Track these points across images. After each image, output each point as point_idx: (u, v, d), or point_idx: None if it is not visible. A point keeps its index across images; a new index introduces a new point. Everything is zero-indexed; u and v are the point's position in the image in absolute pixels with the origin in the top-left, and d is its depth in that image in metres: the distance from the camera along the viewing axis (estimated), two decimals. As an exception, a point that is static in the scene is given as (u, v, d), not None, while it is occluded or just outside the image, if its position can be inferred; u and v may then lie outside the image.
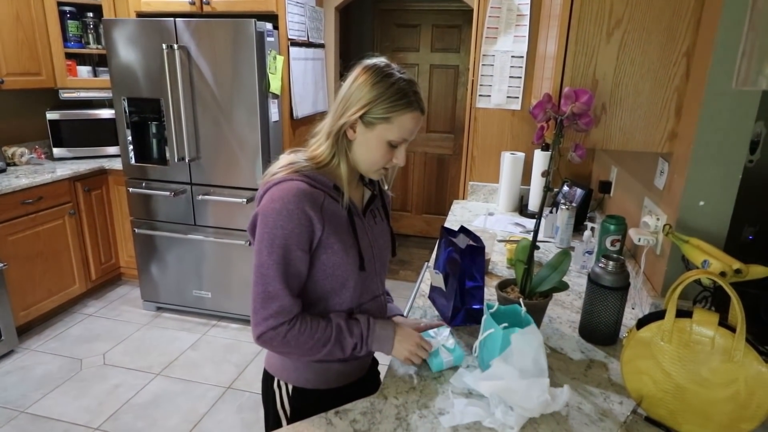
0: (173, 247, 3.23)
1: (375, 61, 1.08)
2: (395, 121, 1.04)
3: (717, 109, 1.18)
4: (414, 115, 1.06)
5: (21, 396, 2.55)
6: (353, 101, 1.04)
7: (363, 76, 1.05)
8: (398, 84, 1.04)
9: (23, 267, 2.96)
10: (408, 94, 1.04)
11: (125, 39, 2.90)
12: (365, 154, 1.09)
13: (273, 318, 1.05)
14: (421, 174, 4.73)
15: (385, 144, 1.07)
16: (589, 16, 1.29)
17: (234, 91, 2.84)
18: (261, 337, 1.06)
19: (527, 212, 2.43)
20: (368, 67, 1.06)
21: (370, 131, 1.06)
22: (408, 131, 1.07)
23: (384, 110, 1.03)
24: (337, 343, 1.09)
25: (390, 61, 1.09)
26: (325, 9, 3.70)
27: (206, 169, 3.03)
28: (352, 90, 1.05)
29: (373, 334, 1.12)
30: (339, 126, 1.06)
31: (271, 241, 1.03)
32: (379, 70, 1.05)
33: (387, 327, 1.15)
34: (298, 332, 1.06)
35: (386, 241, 1.25)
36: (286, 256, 1.03)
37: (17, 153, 3.33)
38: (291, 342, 1.06)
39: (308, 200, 1.03)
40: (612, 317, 1.28)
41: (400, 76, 1.05)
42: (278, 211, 1.02)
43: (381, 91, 1.03)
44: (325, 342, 1.08)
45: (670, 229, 1.24)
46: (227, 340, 3.10)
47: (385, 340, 1.13)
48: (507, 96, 2.53)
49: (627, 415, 1.04)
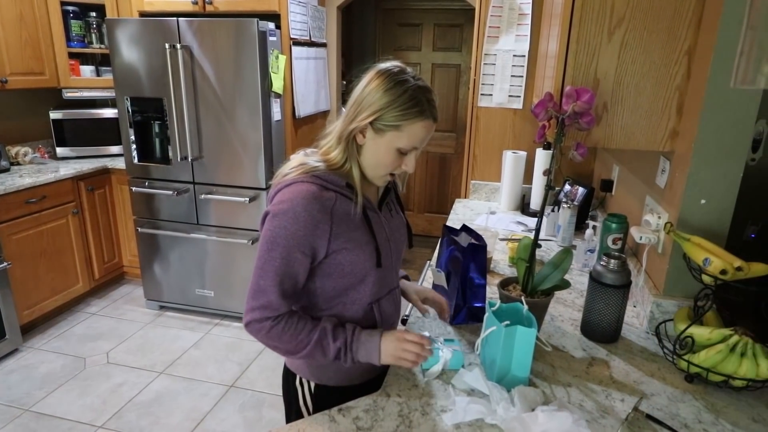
0: (176, 246, 3.25)
1: (389, 65, 1.05)
2: (405, 130, 1.03)
3: (718, 107, 1.18)
4: (425, 124, 1.04)
5: (25, 394, 2.56)
6: (365, 106, 1.03)
7: (376, 80, 1.03)
8: (411, 91, 1.01)
9: (27, 266, 2.97)
10: (420, 102, 1.02)
11: (128, 38, 2.91)
12: (373, 159, 1.08)
13: (258, 311, 1.06)
14: (422, 173, 4.74)
15: (394, 151, 1.05)
16: (590, 15, 1.29)
17: (236, 90, 2.85)
18: (247, 326, 1.09)
19: (529, 211, 2.44)
20: (382, 71, 1.04)
21: (380, 137, 1.04)
22: (418, 140, 1.05)
23: (395, 118, 1.01)
24: (318, 345, 1.08)
25: (404, 65, 1.07)
26: (327, 8, 3.71)
27: (209, 169, 3.04)
28: (364, 94, 1.03)
29: (357, 341, 1.09)
30: (349, 130, 1.05)
31: (273, 239, 1.04)
32: (393, 76, 1.02)
33: (373, 334, 1.11)
34: (281, 331, 1.07)
35: (402, 234, 1.25)
36: (285, 256, 1.04)
37: (21, 152, 3.35)
38: (274, 338, 1.08)
39: (317, 204, 1.03)
40: (613, 315, 1.29)
41: (414, 83, 1.02)
42: (285, 212, 1.03)
43: (393, 98, 1.01)
44: (307, 344, 1.08)
45: (672, 228, 1.24)
46: (230, 339, 3.11)
47: (371, 348, 1.10)
48: (509, 95, 2.53)
49: (629, 412, 1.04)
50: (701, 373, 1.12)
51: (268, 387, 2.66)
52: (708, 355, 1.11)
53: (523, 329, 1.07)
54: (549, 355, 1.25)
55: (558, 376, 1.17)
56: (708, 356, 1.10)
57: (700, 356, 1.12)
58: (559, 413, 0.97)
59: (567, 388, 1.13)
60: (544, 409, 0.99)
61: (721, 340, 1.11)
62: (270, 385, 2.67)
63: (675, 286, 1.34)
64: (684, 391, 1.12)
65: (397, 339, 1.10)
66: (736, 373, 1.08)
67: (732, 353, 1.09)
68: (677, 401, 1.09)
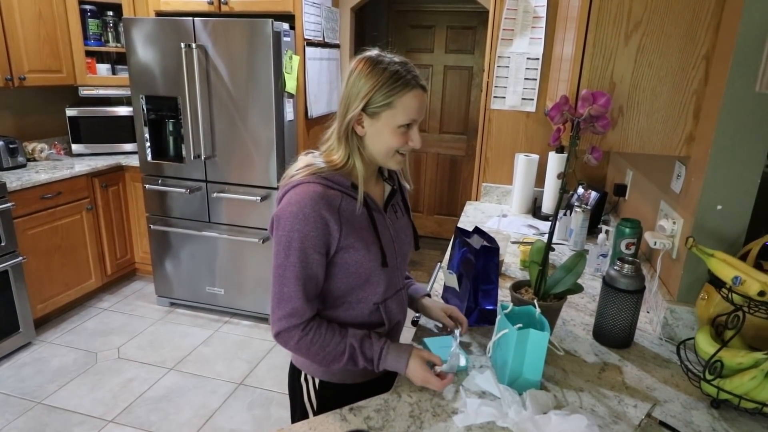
0: (187, 243, 3.27)
1: (366, 53, 1.08)
2: (398, 104, 1.04)
3: (736, 112, 1.17)
4: (415, 93, 1.05)
5: (37, 387, 2.60)
6: (353, 97, 1.05)
7: (356, 69, 1.05)
8: (391, 67, 1.04)
9: (41, 261, 3.01)
10: (402, 75, 1.04)
11: (144, 38, 2.95)
12: (378, 144, 1.09)
13: (285, 319, 1.07)
14: (433, 175, 4.73)
15: (396, 129, 1.06)
16: (607, 18, 1.29)
17: (250, 90, 2.87)
18: (277, 336, 1.09)
19: (540, 214, 2.43)
20: (360, 59, 1.07)
21: (377, 121, 1.06)
22: (414, 110, 1.06)
23: (384, 96, 1.03)
24: (351, 360, 1.10)
25: (380, 50, 1.09)
26: (340, 9, 3.72)
27: (221, 167, 3.07)
28: (349, 86, 1.06)
29: (386, 358, 1.10)
30: (345, 124, 1.07)
31: (288, 244, 1.04)
32: (371, 60, 1.05)
33: (401, 354, 1.11)
34: (310, 342, 1.08)
35: (408, 236, 1.26)
36: (303, 259, 1.05)
37: (37, 149, 3.39)
38: (302, 349, 1.09)
39: (324, 203, 1.04)
40: (626, 320, 1.28)
41: (391, 60, 1.05)
42: (295, 215, 1.03)
43: (376, 79, 1.03)
44: (337, 356, 1.09)
45: (694, 243, 1.19)
46: (239, 337, 3.13)
47: (399, 365, 1.11)
48: (522, 98, 2.53)
49: (641, 418, 1.04)
50: (732, 400, 1.05)
51: (277, 385, 2.67)
52: (742, 381, 1.03)
53: (536, 333, 1.07)
54: (561, 359, 1.25)
55: (570, 381, 1.16)
56: (742, 382, 1.03)
57: (732, 382, 1.04)
58: (572, 416, 0.97)
59: (579, 392, 1.12)
60: (557, 413, 0.99)
61: (754, 364, 1.04)
62: (278, 384, 2.68)
63: (689, 292, 1.33)
64: (698, 399, 1.11)
65: (424, 371, 1.08)
66: None
67: (767, 379, 1.01)
68: (691, 408, 1.08)
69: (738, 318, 1.06)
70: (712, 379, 1.07)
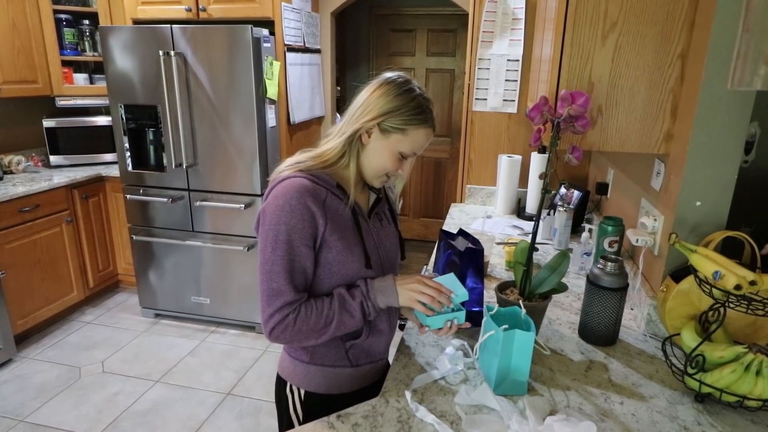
0: (171, 253, 3.23)
1: (395, 75, 1.12)
2: (410, 134, 1.09)
3: (712, 110, 1.19)
4: (427, 132, 1.11)
5: (19, 405, 2.54)
6: (373, 108, 1.08)
7: (385, 87, 1.09)
8: (418, 99, 1.08)
9: (21, 275, 2.94)
10: (425, 111, 1.09)
11: (121, 46, 2.91)
12: (375, 159, 1.11)
13: (278, 313, 1.06)
14: (418, 178, 4.74)
15: (396, 154, 1.11)
16: (584, 19, 1.30)
17: (231, 97, 2.85)
18: (272, 333, 1.07)
19: (525, 215, 2.44)
20: (390, 80, 1.10)
21: (385, 139, 1.09)
22: (419, 146, 1.11)
23: (402, 121, 1.07)
24: (343, 310, 1.09)
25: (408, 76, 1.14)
26: (320, 14, 3.72)
27: (204, 175, 3.03)
28: (371, 99, 1.09)
29: (373, 289, 1.11)
30: (355, 129, 1.09)
31: (275, 237, 1.04)
32: (402, 84, 1.09)
33: (385, 278, 1.13)
34: (305, 316, 1.07)
35: (393, 244, 1.26)
36: (291, 252, 1.04)
37: (14, 161, 3.33)
38: (302, 328, 1.07)
39: (310, 195, 1.05)
40: (611, 318, 1.29)
41: (420, 92, 1.10)
42: (281, 207, 1.03)
43: (402, 103, 1.07)
44: (333, 314, 1.08)
45: (677, 239, 1.19)
46: (226, 346, 3.09)
47: (388, 291, 1.11)
48: (503, 99, 2.54)
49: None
50: (714, 393, 1.05)
51: (265, 394, 2.64)
52: (722, 374, 1.04)
53: (522, 333, 1.07)
54: (547, 358, 1.25)
55: (557, 380, 1.17)
56: (722, 376, 1.04)
57: (713, 375, 1.06)
58: (581, 424, 0.95)
59: (566, 391, 1.12)
60: (561, 419, 0.98)
61: (735, 358, 1.05)
62: (267, 393, 2.65)
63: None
64: (683, 394, 1.12)
65: (416, 280, 1.11)
66: (751, 393, 1.02)
67: (747, 372, 1.03)
68: (676, 403, 1.09)
69: (719, 312, 1.08)
70: (694, 373, 1.08)
